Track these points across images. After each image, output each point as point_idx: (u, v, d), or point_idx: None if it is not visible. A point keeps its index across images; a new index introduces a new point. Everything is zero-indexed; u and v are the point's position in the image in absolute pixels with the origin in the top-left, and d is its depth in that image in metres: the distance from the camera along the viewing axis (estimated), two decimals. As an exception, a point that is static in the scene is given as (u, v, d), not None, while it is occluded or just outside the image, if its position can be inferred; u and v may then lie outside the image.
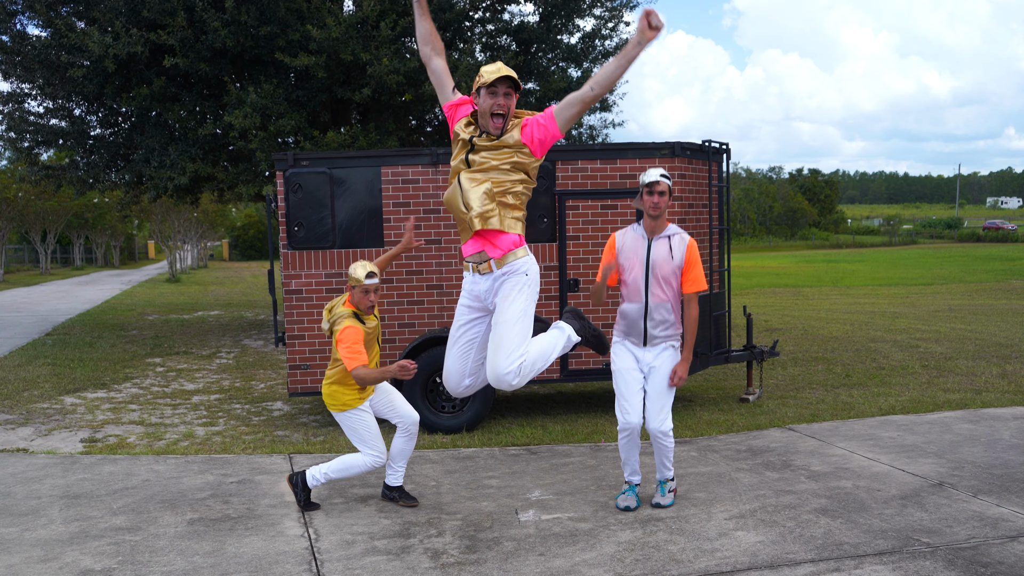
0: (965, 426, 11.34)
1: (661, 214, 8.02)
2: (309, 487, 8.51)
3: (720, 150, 12.98)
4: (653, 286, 8.02)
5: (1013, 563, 6.75)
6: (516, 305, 6.41)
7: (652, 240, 8.07)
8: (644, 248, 8.07)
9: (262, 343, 22.07)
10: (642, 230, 8.14)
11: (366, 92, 19.72)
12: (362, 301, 8.17)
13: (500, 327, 6.43)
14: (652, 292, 8.03)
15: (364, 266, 8.14)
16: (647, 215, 8.05)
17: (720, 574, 6.71)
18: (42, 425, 12.63)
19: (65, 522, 8.21)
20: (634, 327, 8.13)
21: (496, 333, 6.43)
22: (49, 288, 48.31)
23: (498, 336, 6.42)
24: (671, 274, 8.04)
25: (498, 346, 6.40)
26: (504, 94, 6.23)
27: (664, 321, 8.08)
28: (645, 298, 8.04)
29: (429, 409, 11.71)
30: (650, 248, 8.06)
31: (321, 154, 11.76)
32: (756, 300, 33.43)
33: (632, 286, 8.09)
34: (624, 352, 8.24)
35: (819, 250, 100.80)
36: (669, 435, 8.18)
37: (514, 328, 6.37)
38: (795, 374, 15.81)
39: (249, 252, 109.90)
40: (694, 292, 8.14)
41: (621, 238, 8.23)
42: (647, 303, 8.05)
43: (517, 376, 6.39)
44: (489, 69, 6.24)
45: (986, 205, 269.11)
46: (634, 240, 8.14)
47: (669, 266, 8.02)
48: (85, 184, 24.03)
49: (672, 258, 8.03)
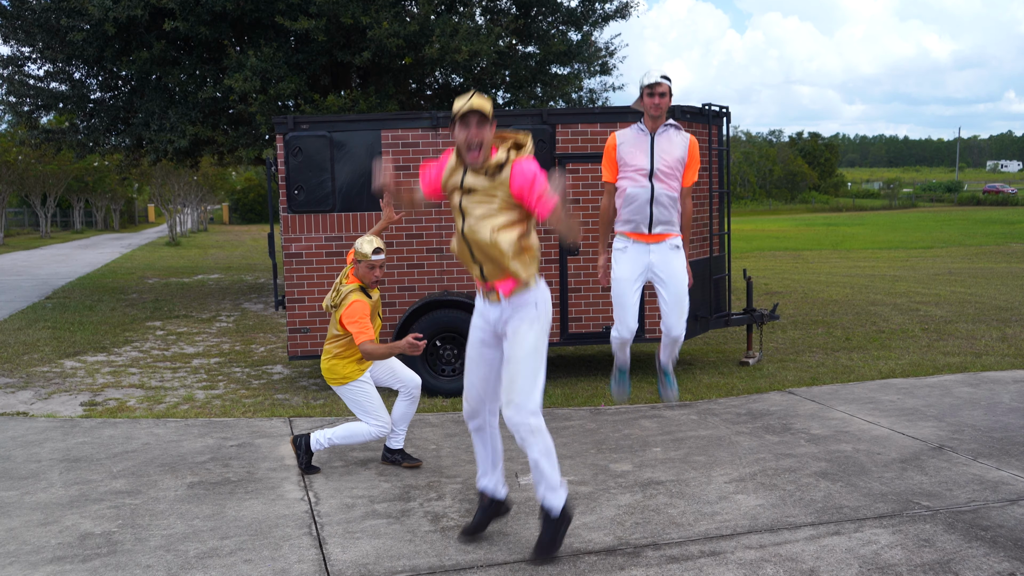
0: (965, 389, 11.34)
1: (662, 115, 8.01)
2: (312, 451, 8.52)
3: (720, 113, 12.93)
4: (659, 173, 8.01)
5: (1013, 526, 6.76)
6: (527, 340, 6.29)
7: (655, 134, 8.06)
8: (647, 141, 8.05)
9: (262, 307, 22.06)
10: (643, 127, 8.11)
11: (366, 56, 19.66)
12: (367, 276, 8.16)
13: (512, 363, 6.31)
14: (657, 178, 8.01)
15: (371, 241, 8.12)
16: (648, 116, 8.03)
17: (720, 537, 6.72)
18: (42, 389, 12.64)
19: (65, 485, 8.22)
20: (640, 211, 8.06)
21: (509, 369, 6.33)
22: (49, 252, 48.30)
23: (511, 373, 6.31)
24: (675, 165, 8.05)
25: (511, 383, 6.29)
26: (477, 124, 6.09)
27: (669, 206, 8.07)
28: (651, 183, 8.01)
29: (429, 372, 11.72)
30: (653, 140, 8.04)
31: (321, 118, 11.73)
32: (756, 263, 33.40)
33: (637, 173, 8.05)
34: (625, 259, 8.21)
35: (819, 213, 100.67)
36: (682, 338, 8.40)
37: (526, 365, 6.25)
38: (795, 337, 15.81)
39: (249, 216, 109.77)
40: (690, 186, 8.20)
41: (621, 135, 8.20)
42: (653, 187, 8.02)
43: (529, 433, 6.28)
44: (458, 102, 6.09)
45: (986, 168, 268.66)
46: (636, 136, 8.12)
47: (672, 157, 8.03)
48: (85, 148, 23.99)
49: (675, 150, 8.05)
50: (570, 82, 25.81)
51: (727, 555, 6.38)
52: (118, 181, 72.68)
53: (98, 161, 55.66)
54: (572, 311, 12.06)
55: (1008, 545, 6.40)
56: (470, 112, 6.01)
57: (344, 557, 6.50)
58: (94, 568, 6.37)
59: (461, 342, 11.80)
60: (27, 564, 6.46)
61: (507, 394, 6.26)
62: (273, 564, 6.39)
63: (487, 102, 6.08)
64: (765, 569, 6.11)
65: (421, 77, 24.79)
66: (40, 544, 6.84)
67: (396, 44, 19.23)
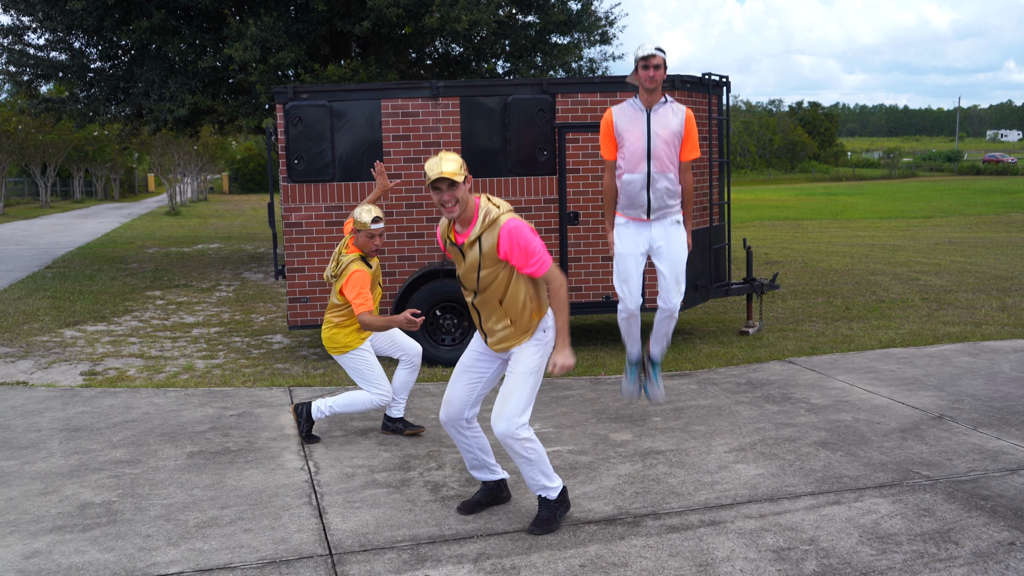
0: (965, 359, 11.35)
1: (657, 87, 7.99)
2: (313, 419, 8.53)
3: (720, 83, 12.90)
4: (655, 155, 8.02)
5: (1013, 496, 6.76)
6: (532, 359, 6.27)
7: (650, 111, 8.05)
8: (643, 119, 8.05)
9: (262, 276, 22.06)
10: (638, 103, 8.10)
11: (366, 25, 19.60)
12: (367, 245, 8.15)
13: (512, 378, 6.31)
14: (654, 160, 8.03)
15: (369, 211, 8.11)
16: (643, 89, 8.01)
17: (720, 507, 6.73)
18: (42, 358, 12.64)
19: (65, 455, 8.23)
20: (637, 198, 8.10)
21: (508, 383, 6.32)
22: (49, 221, 48.30)
23: (509, 386, 6.30)
24: (672, 141, 8.06)
25: (507, 396, 6.28)
26: (448, 188, 5.98)
27: (666, 191, 8.08)
28: (648, 167, 8.03)
29: (429, 342, 11.72)
30: (649, 118, 8.04)
31: (321, 87, 11.70)
32: (756, 233, 33.39)
33: (633, 156, 8.06)
34: (628, 234, 8.24)
35: (819, 183, 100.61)
36: (677, 311, 8.41)
37: (526, 382, 6.25)
38: (795, 307, 15.81)
39: (249, 185, 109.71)
40: (690, 160, 8.21)
41: (618, 112, 8.18)
42: (649, 172, 8.03)
43: (519, 445, 6.27)
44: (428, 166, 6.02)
45: (986, 138, 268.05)
46: (632, 112, 8.11)
47: (669, 132, 8.04)
48: (85, 117, 23.99)
49: (671, 125, 8.05)
50: (570, 52, 25.76)
51: (727, 524, 6.39)
52: (118, 151, 72.63)
53: (98, 131, 55.57)
54: (572, 280, 12.05)
55: (1008, 515, 6.41)
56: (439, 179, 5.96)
57: (344, 526, 6.51)
58: (94, 537, 6.38)
59: (461, 311, 11.81)
60: (27, 534, 6.47)
61: (501, 406, 6.25)
62: (273, 533, 6.40)
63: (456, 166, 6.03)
64: (765, 538, 6.12)
65: (421, 47, 24.74)
66: (40, 514, 6.86)
67: (396, 13, 19.18)
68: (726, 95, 13.09)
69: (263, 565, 5.90)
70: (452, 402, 6.56)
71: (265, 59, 20.06)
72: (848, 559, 5.78)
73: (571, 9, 24.35)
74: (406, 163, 11.77)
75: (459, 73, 25.03)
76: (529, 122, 11.82)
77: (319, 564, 5.89)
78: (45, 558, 6.05)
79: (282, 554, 6.06)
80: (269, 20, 19.57)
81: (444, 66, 25.36)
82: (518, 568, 5.78)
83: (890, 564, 5.69)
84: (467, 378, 6.55)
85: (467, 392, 6.53)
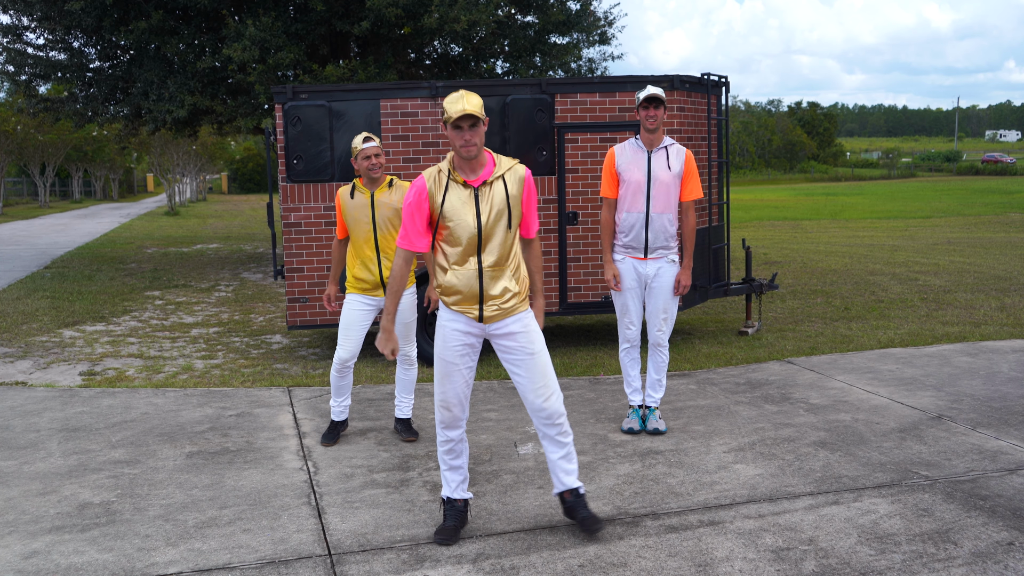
0: (964, 359, 11.35)
1: (658, 127, 8.20)
2: (335, 421, 8.54)
3: (719, 83, 12.91)
4: (654, 196, 8.22)
5: (1012, 496, 6.76)
6: (540, 335, 6.17)
7: (651, 152, 8.25)
8: (644, 159, 8.25)
9: (261, 276, 22.05)
10: (640, 143, 8.31)
11: (365, 25, 19.60)
12: (372, 170, 8.06)
13: (539, 356, 6.14)
14: (653, 202, 8.23)
15: (361, 135, 8.06)
16: (644, 129, 8.23)
17: (719, 507, 6.73)
18: (41, 358, 12.64)
19: (64, 455, 8.22)
20: (636, 238, 8.30)
21: (537, 362, 6.14)
22: (48, 221, 48.27)
23: (540, 365, 6.14)
24: (671, 183, 8.26)
25: (544, 375, 6.14)
26: (470, 127, 5.78)
27: (664, 231, 8.28)
28: (647, 208, 8.23)
29: (427, 341, 11.70)
30: (650, 159, 8.24)
31: (320, 87, 11.69)
32: (755, 233, 33.39)
33: (633, 196, 8.26)
34: (625, 271, 8.41)
35: (818, 183, 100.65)
36: (666, 346, 8.56)
37: (548, 358, 6.18)
38: (794, 307, 15.81)
39: (248, 185, 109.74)
40: (692, 200, 8.41)
41: (620, 150, 8.39)
42: (648, 212, 8.23)
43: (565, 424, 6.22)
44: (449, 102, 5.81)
45: (985, 138, 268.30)
46: (633, 152, 8.32)
47: (669, 175, 8.24)
48: (83, 117, 23.99)
49: (671, 168, 8.25)
50: (569, 52, 25.78)
51: (726, 525, 6.39)
52: (117, 151, 72.75)
53: (97, 131, 55.58)
54: (571, 280, 12.05)
55: (1007, 515, 6.41)
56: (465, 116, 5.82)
57: (343, 527, 6.51)
58: (93, 538, 6.38)
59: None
60: (26, 534, 6.46)
61: (548, 387, 6.13)
62: (272, 534, 6.40)
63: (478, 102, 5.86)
64: (764, 539, 6.12)
65: (420, 47, 24.74)
66: (39, 514, 6.85)
67: (395, 14, 19.18)
68: (725, 95, 13.11)
69: (262, 565, 5.90)
70: (451, 404, 6.26)
71: (264, 59, 20.06)
72: (847, 559, 5.78)
73: (570, 9, 24.37)
74: (405, 163, 11.76)
75: (458, 73, 25.05)
76: (528, 122, 11.82)
77: (318, 564, 5.89)
78: (44, 558, 6.04)
79: (281, 554, 6.06)
80: (268, 20, 19.57)
81: (443, 66, 25.36)
82: (517, 568, 5.78)
83: (889, 564, 5.69)
84: (463, 376, 6.24)
85: (464, 390, 6.29)
